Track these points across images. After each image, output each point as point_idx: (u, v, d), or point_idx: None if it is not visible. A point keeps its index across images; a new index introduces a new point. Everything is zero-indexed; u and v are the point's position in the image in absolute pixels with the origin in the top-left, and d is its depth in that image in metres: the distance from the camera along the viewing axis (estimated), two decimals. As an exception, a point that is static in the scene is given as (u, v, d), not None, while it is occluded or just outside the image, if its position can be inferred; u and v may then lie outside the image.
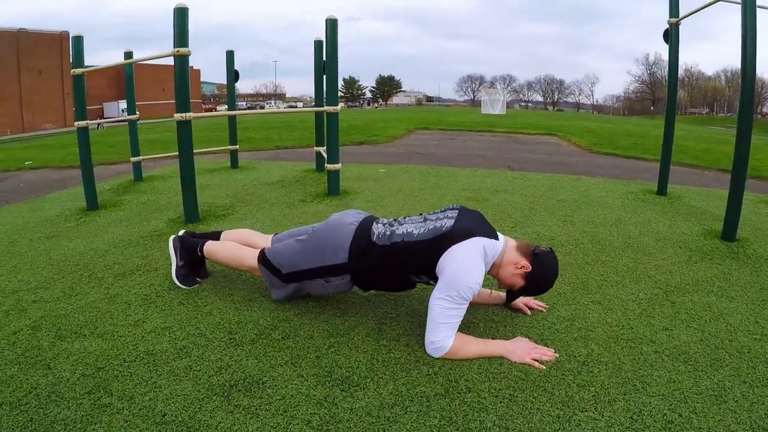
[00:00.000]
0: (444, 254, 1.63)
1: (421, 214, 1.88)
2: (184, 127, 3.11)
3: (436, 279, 1.67)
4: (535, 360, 1.56)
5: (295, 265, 1.89)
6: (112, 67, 4.43)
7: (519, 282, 1.70)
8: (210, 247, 2.15)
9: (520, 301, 1.94)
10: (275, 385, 1.46)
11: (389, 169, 5.39)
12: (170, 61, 3.00)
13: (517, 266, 1.69)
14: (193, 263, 2.23)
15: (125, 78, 4.59)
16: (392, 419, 1.30)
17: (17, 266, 2.49)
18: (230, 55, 5.33)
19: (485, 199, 3.78)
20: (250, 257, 2.04)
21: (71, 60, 3.77)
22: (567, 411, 1.33)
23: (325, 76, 3.86)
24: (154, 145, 8.49)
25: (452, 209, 1.81)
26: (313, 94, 4.81)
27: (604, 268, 2.36)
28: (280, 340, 1.73)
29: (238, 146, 5.60)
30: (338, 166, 3.93)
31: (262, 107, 59.15)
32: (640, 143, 9.23)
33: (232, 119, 5.60)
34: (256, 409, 1.35)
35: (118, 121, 4.68)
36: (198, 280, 2.23)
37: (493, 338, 1.72)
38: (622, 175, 5.41)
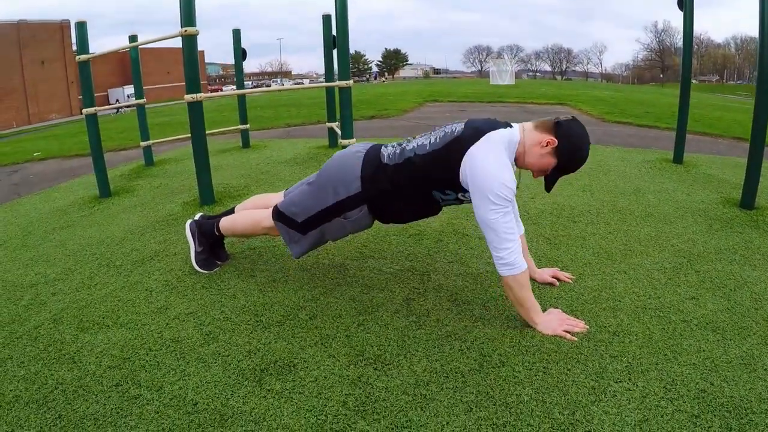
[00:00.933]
0: (463, 160, 1.55)
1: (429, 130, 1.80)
2: (195, 108, 3.05)
3: (462, 191, 1.60)
4: (567, 332, 1.53)
5: (309, 209, 1.80)
6: (116, 54, 4.35)
7: (550, 161, 1.57)
8: (224, 222, 2.11)
9: (547, 274, 1.91)
10: (307, 367, 1.45)
11: (398, 144, 5.30)
12: (174, 43, 2.91)
13: (542, 145, 1.55)
14: (212, 246, 2.20)
15: (131, 62, 4.49)
16: (428, 396, 1.29)
17: (33, 259, 2.47)
18: (237, 33, 5.16)
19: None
20: (266, 217, 1.96)
21: (74, 48, 3.68)
22: (602, 382, 1.32)
23: (335, 50, 3.76)
24: (164, 128, 8.39)
25: (461, 120, 1.73)
26: (319, 71, 4.69)
27: (627, 238, 2.32)
28: (307, 320, 1.72)
29: (249, 125, 5.52)
30: (353, 141, 3.87)
31: (269, 86, 58.72)
32: (652, 111, 9.03)
33: (241, 98, 5.51)
34: (290, 392, 1.34)
35: (128, 106, 4.61)
36: (218, 263, 2.21)
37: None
38: (636, 144, 5.30)
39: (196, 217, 2.26)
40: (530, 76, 78.89)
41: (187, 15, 2.80)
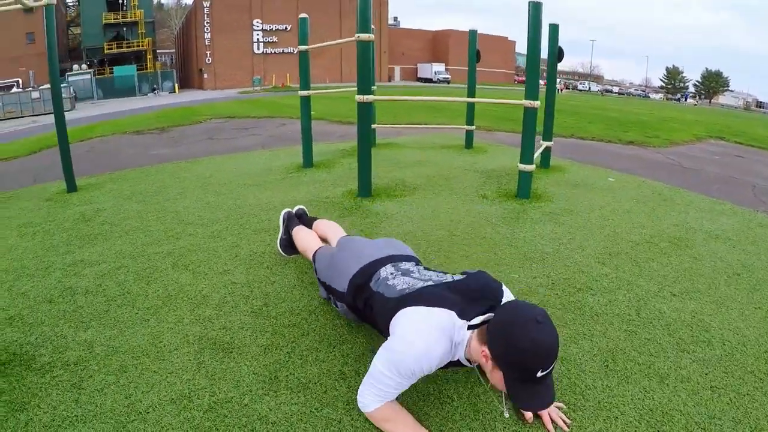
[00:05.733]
0: (398, 315, 1.51)
1: (444, 273, 1.74)
2: (364, 108, 3.61)
3: None
4: None
5: (321, 274, 2.08)
6: (427, 32, 5.24)
7: (499, 375, 1.32)
8: (294, 233, 2.59)
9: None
10: (234, 359, 1.81)
11: (620, 179, 4.60)
12: (486, 30, 3.40)
13: (485, 359, 1.34)
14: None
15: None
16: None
17: (210, 205, 3.60)
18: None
19: (687, 246, 2.86)
20: (311, 251, 2.32)
21: (390, 22, 4.64)
22: None
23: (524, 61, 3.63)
24: (437, 112, 9.46)
25: (466, 273, 1.63)
26: (632, 80, 4.43)
27: (743, 401, 1.63)
28: (284, 327, 2.02)
29: (474, 127, 5.83)
30: (531, 167, 3.74)
31: (575, 87, 59.87)
32: None
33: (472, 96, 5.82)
34: (203, 367, 1.75)
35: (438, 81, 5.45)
36: (298, 252, 2.73)
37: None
38: None
39: (295, 209, 2.83)
40: None
41: (363, 22, 3.32)
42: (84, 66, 36.00)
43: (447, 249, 2.81)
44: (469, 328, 1.39)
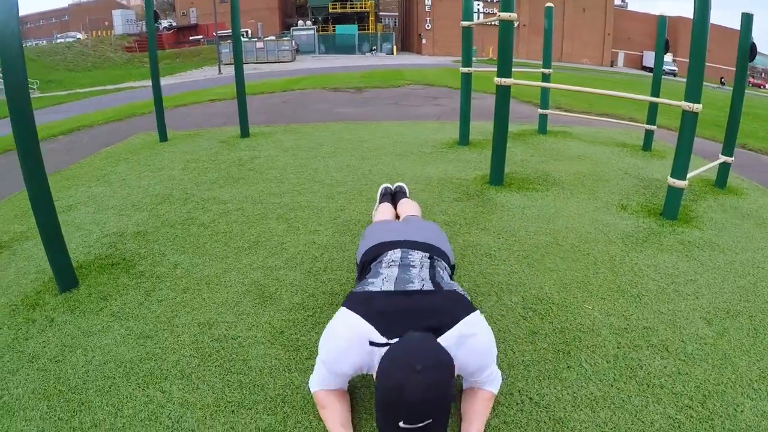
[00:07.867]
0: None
1: (441, 279, 1.64)
2: (502, 91, 3.41)
3: None
4: None
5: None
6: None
7: None
8: (377, 209, 2.70)
9: None
10: (263, 307, 2.09)
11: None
12: (718, 21, 3.11)
13: None
14: None
15: (544, 33, 4.93)
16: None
17: (348, 167, 3.94)
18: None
19: None
20: None
21: (616, 3, 4.38)
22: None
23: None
24: (638, 105, 8.14)
25: (438, 289, 1.55)
26: None
27: None
28: (323, 292, 2.19)
29: (655, 127, 4.88)
30: (683, 183, 3.06)
31: None
32: None
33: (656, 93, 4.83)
34: (237, 306, 2.08)
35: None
36: (391, 222, 2.86)
37: None
38: None
39: (394, 185, 2.93)
40: None
41: (506, 1, 3.09)
42: (308, 22, 40.79)
43: (535, 256, 2.55)
44: (371, 344, 1.35)
